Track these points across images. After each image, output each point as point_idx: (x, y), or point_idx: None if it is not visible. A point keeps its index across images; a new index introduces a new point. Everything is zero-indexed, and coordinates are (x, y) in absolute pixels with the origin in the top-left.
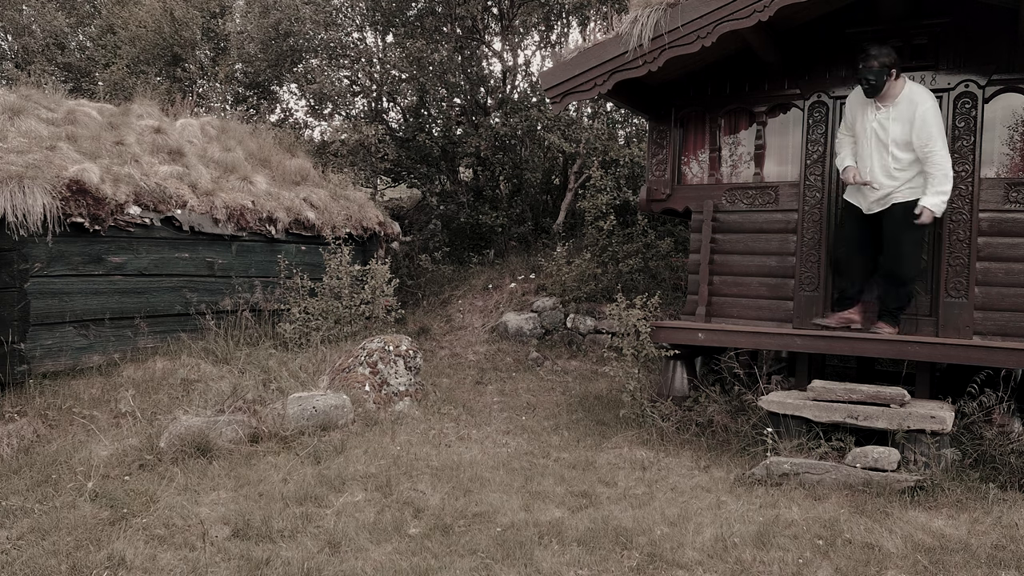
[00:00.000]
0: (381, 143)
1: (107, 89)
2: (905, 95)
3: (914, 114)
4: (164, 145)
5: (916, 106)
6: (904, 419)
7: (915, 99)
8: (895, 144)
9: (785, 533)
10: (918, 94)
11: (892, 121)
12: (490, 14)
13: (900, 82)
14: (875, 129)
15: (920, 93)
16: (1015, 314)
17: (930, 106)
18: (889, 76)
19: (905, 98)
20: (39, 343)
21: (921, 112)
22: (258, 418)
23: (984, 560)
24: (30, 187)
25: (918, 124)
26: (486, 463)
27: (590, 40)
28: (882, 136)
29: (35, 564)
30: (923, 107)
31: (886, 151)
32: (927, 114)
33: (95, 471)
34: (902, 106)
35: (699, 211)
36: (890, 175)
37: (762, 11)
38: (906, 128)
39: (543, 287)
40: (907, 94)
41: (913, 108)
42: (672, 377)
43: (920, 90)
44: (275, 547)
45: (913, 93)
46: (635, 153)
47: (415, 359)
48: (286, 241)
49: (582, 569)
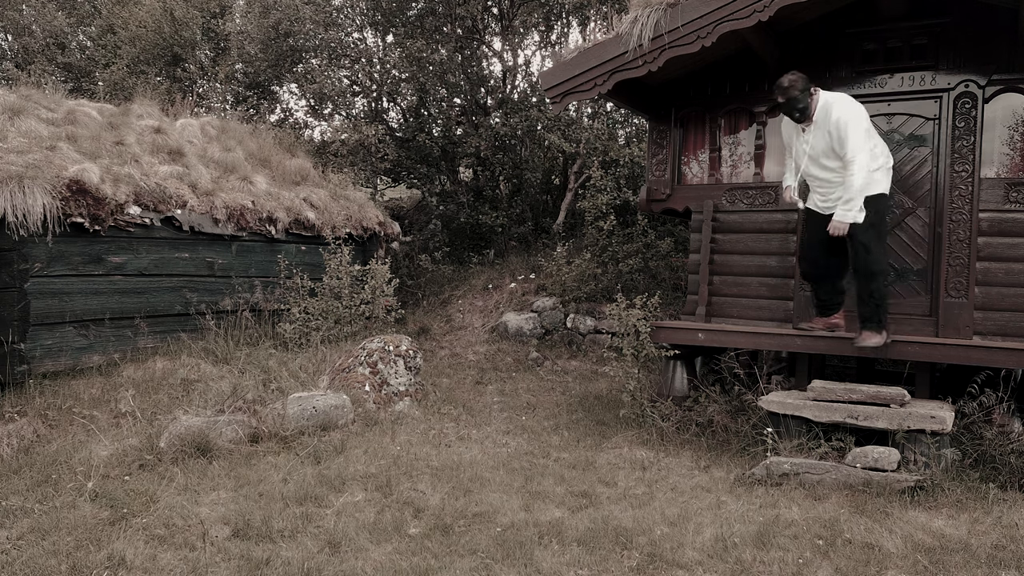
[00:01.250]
0: (381, 143)
1: (107, 89)
2: (821, 107)
3: (828, 123)
4: (164, 145)
5: (828, 115)
6: (904, 419)
7: (828, 108)
8: (824, 156)
9: (785, 533)
10: (832, 103)
11: (813, 135)
12: (490, 14)
13: (816, 96)
14: (806, 149)
15: (835, 101)
16: (1015, 314)
17: (844, 111)
18: (811, 97)
19: (821, 109)
20: (39, 343)
21: (834, 119)
22: (258, 418)
23: (984, 560)
24: (30, 187)
25: (834, 133)
26: (486, 463)
27: (590, 40)
28: (811, 152)
29: (35, 564)
30: (835, 114)
31: (817, 164)
32: (840, 120)
33: (95, 471)
34: (819, 119)
35: (699, 211)
36: (828, 183)
37: (762, 11)
38: (826, 139)
39: (543, 287)
40: (822, 105)
41: (827, 117)
42: (672, 377)
43: (835, 97)
44: (275, 547)
45: (827, 104)
46: (635, 153)
47: (415, 359)
48: (286, 241)
49: (582, 569)
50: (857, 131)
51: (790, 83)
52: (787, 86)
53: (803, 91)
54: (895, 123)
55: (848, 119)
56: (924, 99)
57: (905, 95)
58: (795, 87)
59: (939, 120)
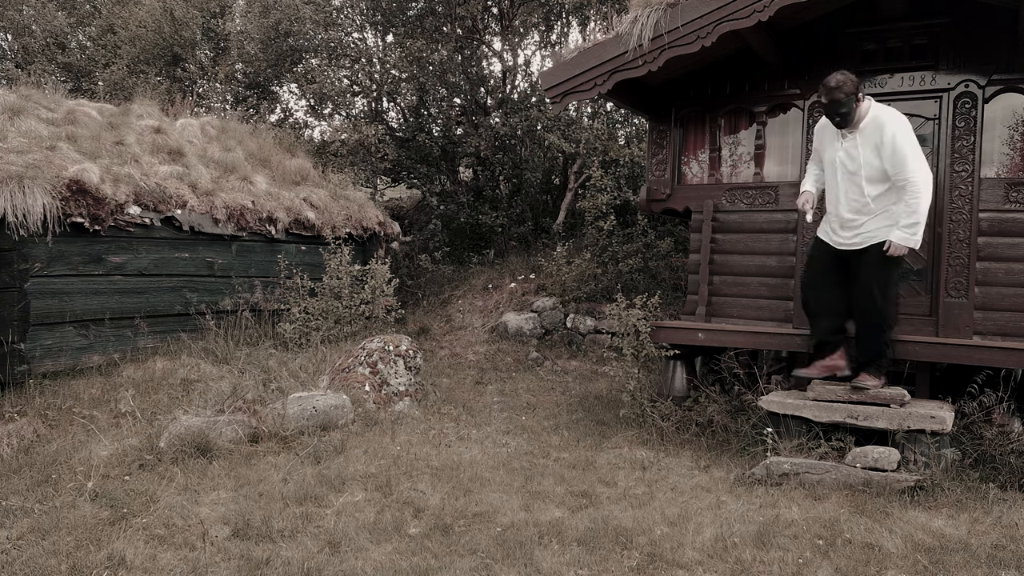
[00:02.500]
0: (381, 143)
1: (107, 89)
2: (871, 119)
3: (882, 139)
4: (164, 145)
5: (883, 128)
6: (904, 419)
7: (882, 121)
8: (865, 173)
9: (785, 533)
10: (885, 115)
11: (859, 148)
12: (490, 14)
13: (865, 104)
14: (842, 160)
15: (887, 114)
16: (1015, 314)
17: (900, 127)
18: (857, 102)
19: (871, 122)
20: (39, 343)
21: (890, 135)
22: (258, 418)
23: (984, 560)
24: (30, 187)
25: (888, 150)
26: (486, 463)
27: (590, 40)
28: (850, 167)
29: (35, 564)
30: (890, 129)
31: (854, 183)
32: (896, 137)
33: (95, 471)
34: (868, 131)
35: (699, 211)
36: (860, 210)
37: (762, 11)
38: (873, 154)
39: (543, 287)
40: (873, 117)
41: (880, 132)
42: (672, 377)
43: (887, 111)
44: (275, 547)
45: (880, 115)
46: (635, 153)
47: (415, 359)
48: (286, 241)
49: (582, 569)
50: (917, 151)
51: (837, 84)
52: (833, 86)
53: (849, 95)
54: None
55: (907, 138)
56: (924, 99)
57: (905, 95)
58: (842, 89)
59: (939, 120)
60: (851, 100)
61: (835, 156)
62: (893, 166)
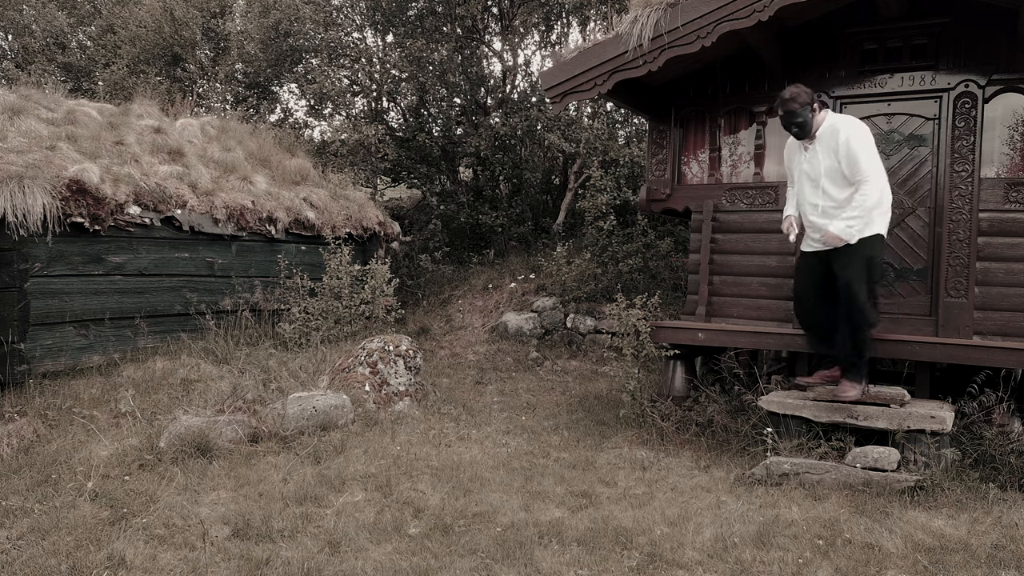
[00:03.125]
0: (381, 143)
1: (107, 89)
2: (828, 126)
3: (837, 143)
4: (164, 145)
5: (838, 134)
6: (904, 419)
7: (837, 127)
8: (826, 179)
9: (785, 533)
10: (840, 122)
11: (819, 156)
12: (490, 14)
13: (821, 115)
14: (806, 169)
15: (842, 120)
16: (1015, 314)
17: (853, 131)
18: (813, 112)
19: (828, 129)
20: (39, 343)
21: (844, 139)
22: (258, 418)
23: (984, 560)
24: (30, 187)
25: (843, 152)
26: (486, 463)
27: (590, 40)
28: (812, 174)
29: (35, 564)
30: (844, 133)
31: (817, 188)
32: (850, 140)
33: (95, 471)
34: (825, 138)
35: (699, 211)
36: (824, 213)
37: (762, 11)
38: (831, 159)
39: (543, 287)
40: (829, 125)
41: (835, 137)
42: (672, 377)
43: (843, 118)
44: (275, 547)
45: (836, 122)
46: (635, 153)
47: (415, 359)
48: (286, 241)
49: (582, 569)
50: (870, 150)
51: (791, 95)
52: (788, 98)
53: (804, 105)
54: (895, 123)
55: (859, 139)
56: (924, 99)
57: (905, 95)
58: (796, 100)
59: (939, 120)
60: (806, 110)
61: (801, 167)
62: (849, 167)
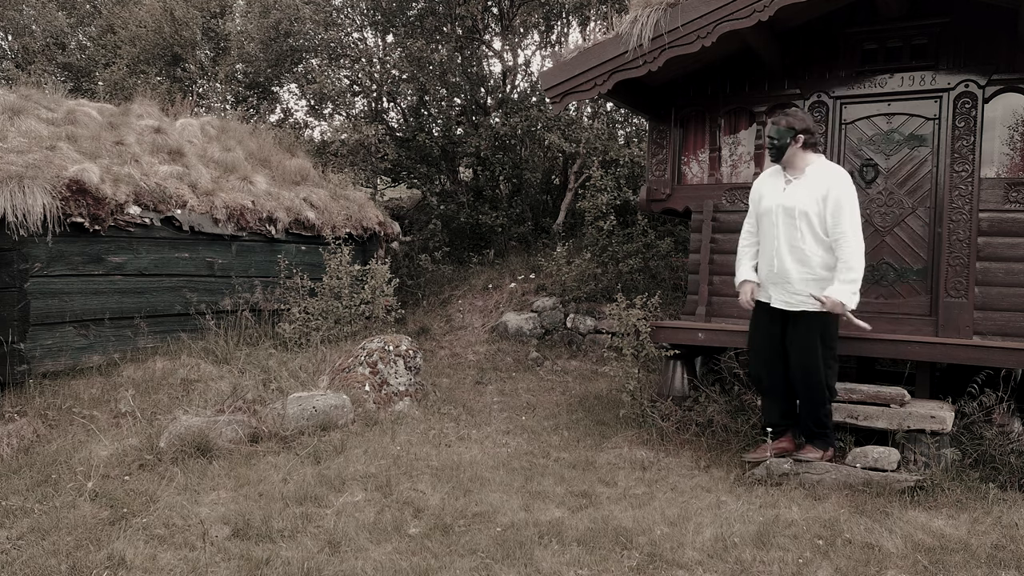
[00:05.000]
0: (381, 143)
1: (107, 89)
2: (819, 167)
3: (828, 189)
4: (164, 145)
5: (830, 180)
6: (904, 419)
7: (830, 173)
8: (804, 222)
9: (785, 533)
10: (833, 169)
11: (803, 191)
12: (490, 14)
13: (811, 154)
14: (783, 204)
15: (835, 169)
16: (1015, 314)
17: (844, 183)
18: (794, 141)
19: (819, 170)
20: (39, 343)
21: (835, 187)
22: (258, 418)
23: (984, 560)
24: (30, 187)
25: (832, 201)
26: (486, 463)
27: (590, 40)
28: (788, 206)
29: (35, 564)
30: (836, 181)
31: (795, 227)
32: (842, 194)
33: (95, 471)
34: (812, 178)
35: (699, 211)
36: (801, 259)
37: (762, 11)
38: (818, 202)
39: (543, 287)
40: (821, 167)
41: (827, 182)
42: (672, 377)
43: (836, 168)
44: (275, 547)
45: (828, 168)
46: (635, 153)
47: (415, 359)
48: (286, 241)
49: (582, 569)
50: (856, 211)
51: (786, 113)
52: (782, 113)
53: (788, 129)
54: (895, 123)
55: (850, 194)
56: (924, 99)
57: (905, 95)
58: (789, 117)
59: (939, 120)
60: (787, 134)
61: (774, 203)
62: (832, 216)
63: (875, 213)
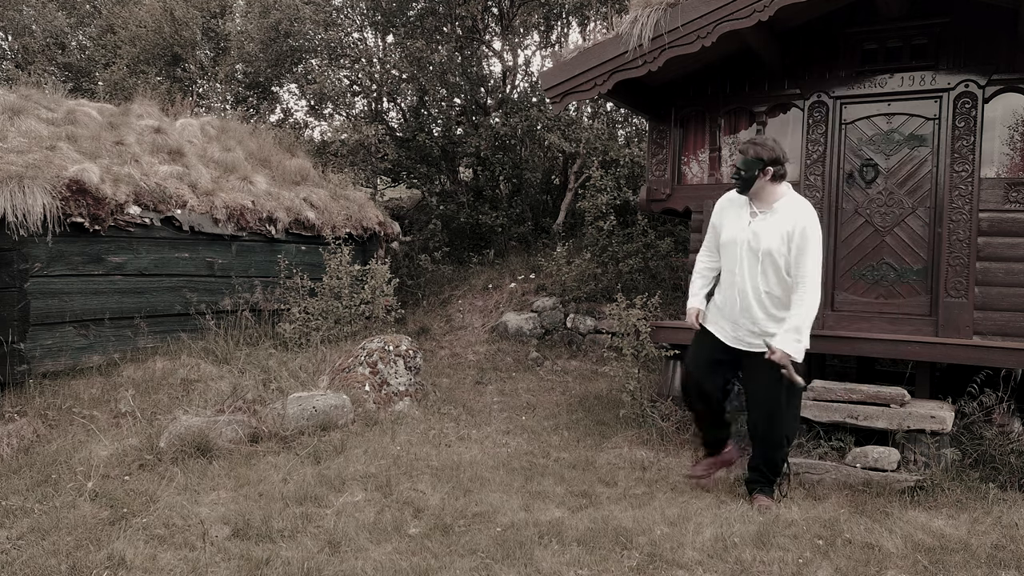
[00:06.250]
0: (381, 143)
1: (107, 89)
2: (787, 203)
3: (794, 227)
4: (164, 145)
5: (797, 218)
6: (904, 419)
7: (798, 211)
8: (770, 261)
9: (785, 533)
10: (804, 207)
11: (770, 230)
12: (490, 14)
13: (782, 188)
14: (748, 242)
15: (805, 207)
16: (1015, 314)
17: (813, 226)
18: (763, 173)
19: (787, 206)
20: (39, 343)
21: (802, 225)
22: (258, 418)
23: (984, 560)
24: (30, 187)
25: (797, 241)
26: (486, 463)
27: (590, 40)
28: (754, 245)
29: (35, 564)
30: (804, 223)
31: (760, 269)
32: (809, 234)
33: (95, 471)
34: (780, 215)
35: (699, 211)
36: (763, 304)
37: (762, 11)
38: (784, 242)
39: (543, 287)
40: (789, 202)
41: (794, 220)
42: (672, 377)
43: (805, 204)
44: (275, 547)
45: (799, 204)
46: (635, 153)
47: (415, 359)
48: (286, 241)
49: (582, 569)
50: (819, 255)
51: (754, 142)
52: (748, 141)
53: (756, 159)
54: (895, 123)
55: (817, 235)
56: (924, 99)
57: (905, 95)
58: (757, 147)
59: (939, 120)
60: (755, 164)
61: (739, 238)
62: (796, 255)
63: (875, 213)
